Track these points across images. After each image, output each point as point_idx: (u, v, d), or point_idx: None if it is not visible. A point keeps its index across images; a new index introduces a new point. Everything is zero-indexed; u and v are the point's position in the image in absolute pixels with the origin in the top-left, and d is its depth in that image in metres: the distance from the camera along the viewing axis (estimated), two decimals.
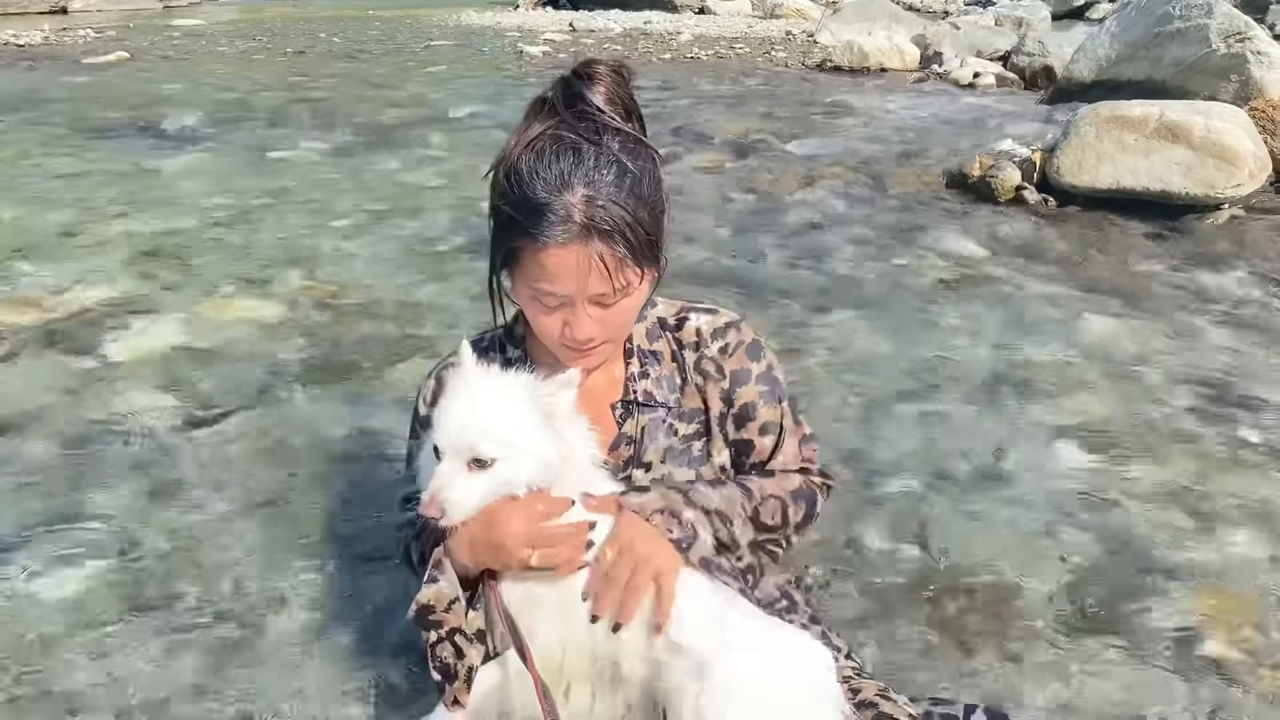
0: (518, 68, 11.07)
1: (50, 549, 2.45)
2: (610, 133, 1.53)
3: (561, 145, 1.51)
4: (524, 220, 1.50)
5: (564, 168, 1.49)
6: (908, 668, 2.09)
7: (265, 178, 6.02)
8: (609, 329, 1.61)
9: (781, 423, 1.79)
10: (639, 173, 1.54)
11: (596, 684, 1.61)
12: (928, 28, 12.13)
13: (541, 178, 1.49)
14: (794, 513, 1.73)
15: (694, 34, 14.92)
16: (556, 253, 1.49)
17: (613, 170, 1.51)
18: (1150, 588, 2.35)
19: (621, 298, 1.56)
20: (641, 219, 1.53)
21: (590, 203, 1.48)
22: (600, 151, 1.51)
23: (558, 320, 1.58)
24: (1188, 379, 3.43)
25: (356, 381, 3.36)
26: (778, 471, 1.78)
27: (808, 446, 1.84)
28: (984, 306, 4.10)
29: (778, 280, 4.37)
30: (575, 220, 1.47)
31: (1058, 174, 5.36)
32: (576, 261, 1.49)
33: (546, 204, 1.48)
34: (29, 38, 13.34)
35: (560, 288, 1.53)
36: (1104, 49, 7.05)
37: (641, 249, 1.53)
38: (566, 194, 1.48)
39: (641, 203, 1.53)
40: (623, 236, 1.50)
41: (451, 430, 1.48)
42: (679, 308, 1.83)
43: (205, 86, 9.43)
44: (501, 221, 1.58)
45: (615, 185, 1.50)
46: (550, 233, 1.48)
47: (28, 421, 3.05)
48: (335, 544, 2.47)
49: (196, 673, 2.05)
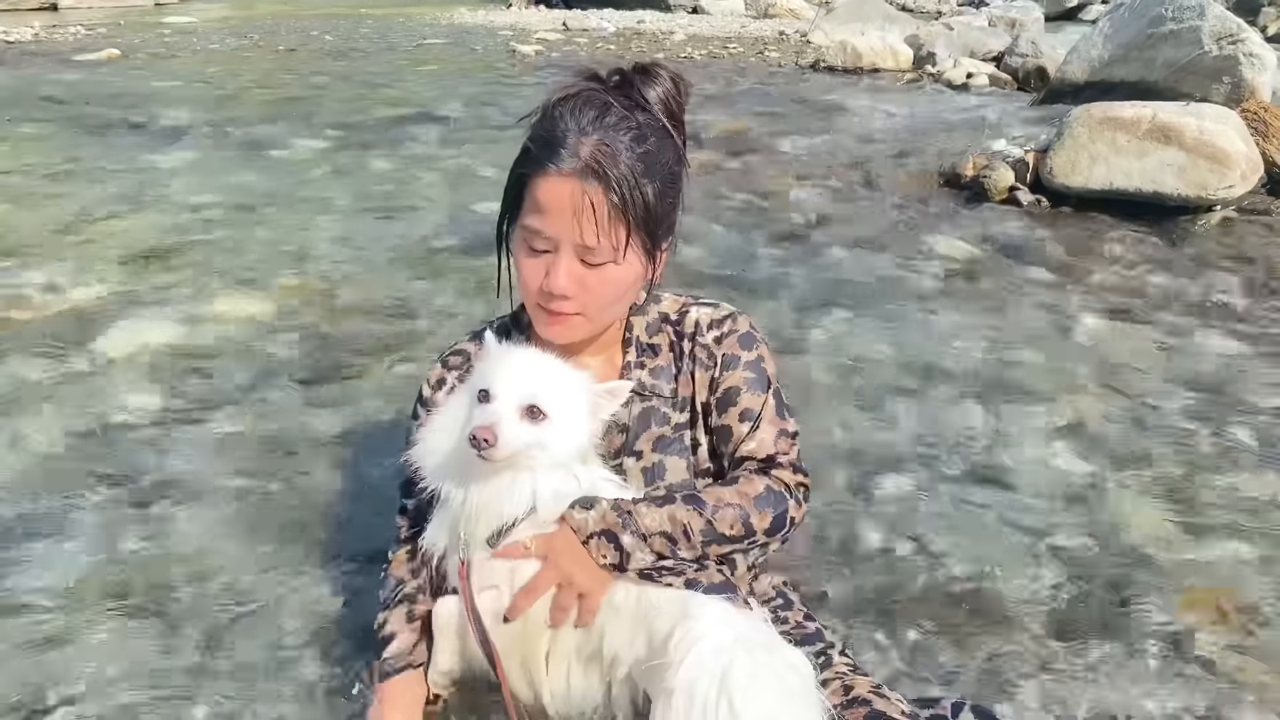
0: (510, 66, 11.06)
1: (40, 546, 2.43)
2: (643, 113, 1.62)
3: (593, 100, 1.61)
4: (536, 149, 1.59)
5: (588, 117, 1.58)
6: (901, 665, 2.09)
7: (257, 175, 6.00)
8: (586, 295, 1.62)
9: (761, 412, 1.78)
10: (655, 150, 1.62)
11: (574, 661, 1.62)
12: (921, 28, 12.13)
13: (565, 118, 1.59)
14: (759, 520, 1.68)
15: (687, 33, 14.92)
16: (554, 183, 1.56)
17: (631, 135, 1.59)
18: (1142, 588, 2.35)
19: (607, 261, 1.59)
20: (643, 187, 1.59)
21: (599, 148, 1.56)
22: (626, 118, 1.60)
23: (540, 267, 1.62)
24: (1180, 380, 3.44)
25: (349, 379, 3.35)
26: (741, 477, 1.74)
27: (785, 440, 1.80)
28: (977, 307, 4.10)
29: (771, 279, 4.37)
30: (580, 156, 1.56)
31: (1051, 175, 5.36)
32: (570, 195, 1.55)
33: (561, 138, 1.57)
34: (19, 34, 13.28)
35: (550, 224, 1.58)
36: (1097, 50, 7.05)
37: (635, 213, 1.58)
38: (582, 136, 1.57)
39: (649, 174, 1.60)
40: (619, 189, 1.56)
41: (515, 378, 1.57)
42: (682, 303, 1.85)
43: (197, 84, 9.40)
44: (520, 155, 1.65)
45: (628, 147, 1.58)
46: (554, 159, 1.56)
47: (18, 419, 3.04)
48: (327, 542, 2.46)
49: (185, 672, 2.04)
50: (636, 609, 1.58)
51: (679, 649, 1.48)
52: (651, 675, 1.53)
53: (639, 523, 1.60)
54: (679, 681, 1.45)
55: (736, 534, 1.66)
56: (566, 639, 1.63)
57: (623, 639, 1.58)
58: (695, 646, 1.47)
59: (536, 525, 1.60)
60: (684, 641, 1.48)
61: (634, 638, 1.58)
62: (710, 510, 1.64)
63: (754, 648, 1.49)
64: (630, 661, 1.58)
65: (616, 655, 1.59)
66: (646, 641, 1.55)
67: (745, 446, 1.76)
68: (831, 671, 1.70)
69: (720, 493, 1.68)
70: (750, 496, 1.69)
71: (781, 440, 1.79)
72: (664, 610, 1.56)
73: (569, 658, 1.64)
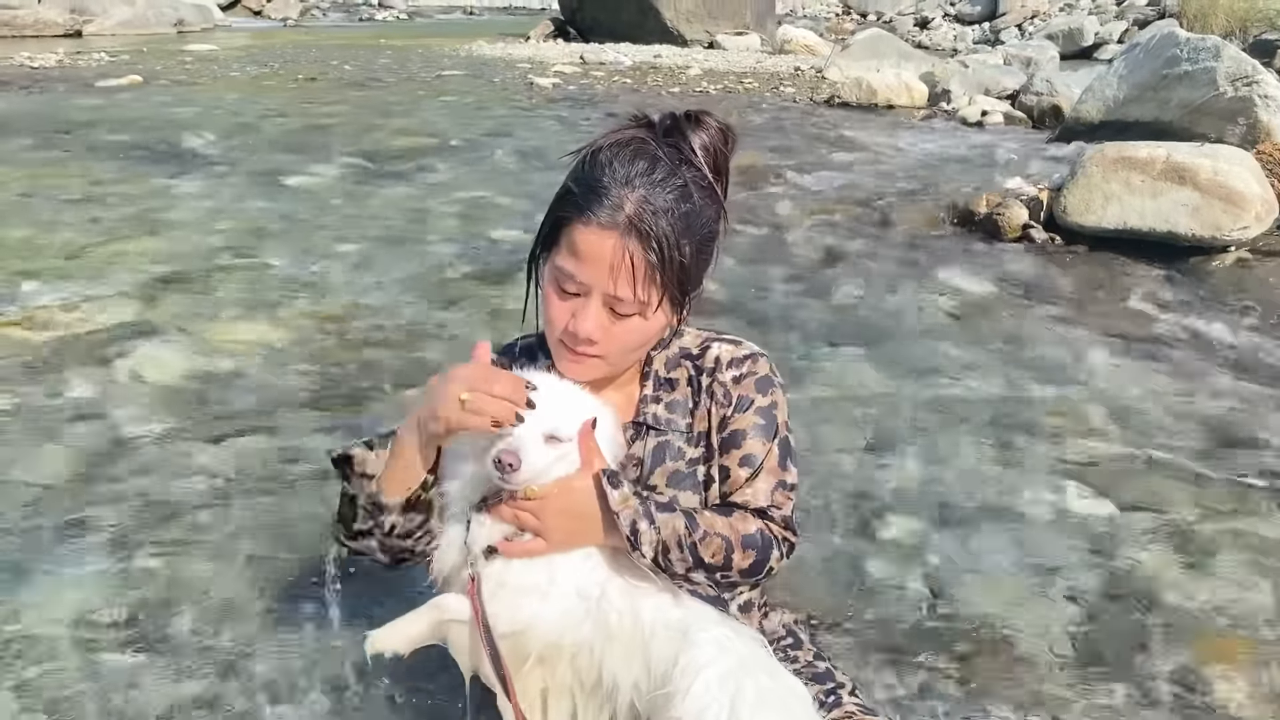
0: (528, 99, 11.15)
1: (52, 564, 2.44)
2: (690, 168, 1.61)
3: (643, 152, 1.60)
4: (579, 194, 1.59)
5: (635, 169, 1.58)
6: (911, 706, 2.07)
7: (275, 202, 6.05)
8: (610, 342, 1.63)
9: (763, 460, 1.76)
10: (698, 209, 1.62)
11: (578, 695, 1.61)
12: (936, 65, 12.21)
13: (612, 167, 1.58)
14: (740, 558, 1.66)
15: (703, 68, 15.03)
16: (594, 234, 1.56)
17: (676, 193, 1.59)
18: (1155, 630, 2.33)
19: (634, 314, 1.60)
20: (682, 246, 1.59)
21: (643, 204, 1.56)
22: (673, 174, 1.59)
23: (567, 310, 1.63)
24: (1192, 420, 3.42)
25: (362, 406, 3.36)
26: (737, 510, 1.73)
27: (782, 493, 1.77)
28: (989, 344, 4.10)
29: (782, 313, 4.38)
30: (624, 211, 1.55)
31: (1064, 213, 5.37)
32: (610, 251, 1.55)
33: (605, 189, 1.56)
34: (43, 60, 13.47)
35: (584, 272, 1.58)
36: (1112, 90, 7.08)
37: (671, 271, 1.59)
38: (627, 189, 1.56)
39: (689, 233, 1.60)
40: (659, 248, 1.56)
41: (539, 403, 1.56)
42: (704, 338, 1.85)
43: (217, 111, 9.50)
44: (561, 195, 1.65)
45: (672, 205, 1.58)
46: (597, 211, 1.56)
47: (32, 439, 3.05)
48: (337, 570, 2.46)
49: (191, 693, 2.04)
50: (632, 631, 1.57)
51: (683, 677, 1.47)
52: (655, 705, 1.52)
53: (655, 516, 1.61)
54: (686, 710, 1.44)
55: (715, 563, 1.64)
56: (563, 674, 1.62)
57: (619, 663, 1.57)
58: (701, 674, 1.47)
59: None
60: (688, 670, 1.48)
61: (630, 660, 1.57)
62: (700, 534, 1.63)
63: (758, 673, 1.49)
64: (629, 686, 1.57)
65: (616, 681, 1.58)
66: (644, 664, 1.55)
67: (741, 494, 1.75)
68: (841, 711, 1.69)
69: (713, 520, 1.67)
70: (739, 533, 1.68)
71: (778, 493, 1.77)
72: (659, 633, 1.56)
73: (571, 693, 1.63)
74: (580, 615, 1.59)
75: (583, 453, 1.61)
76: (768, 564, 1.71)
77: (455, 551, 1.65)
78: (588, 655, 1.60)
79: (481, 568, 1.60)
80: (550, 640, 1.59)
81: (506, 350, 1.92)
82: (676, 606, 1.60)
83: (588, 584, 1.61)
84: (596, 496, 1.60)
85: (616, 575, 1.63)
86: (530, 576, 1.60)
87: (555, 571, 1.61)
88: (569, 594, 1.60)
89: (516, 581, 1.60)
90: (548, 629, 1.59)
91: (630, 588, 1.61)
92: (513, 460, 1.51)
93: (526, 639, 1.59)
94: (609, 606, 1.59)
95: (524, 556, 1.60)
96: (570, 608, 1.60)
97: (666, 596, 1.62)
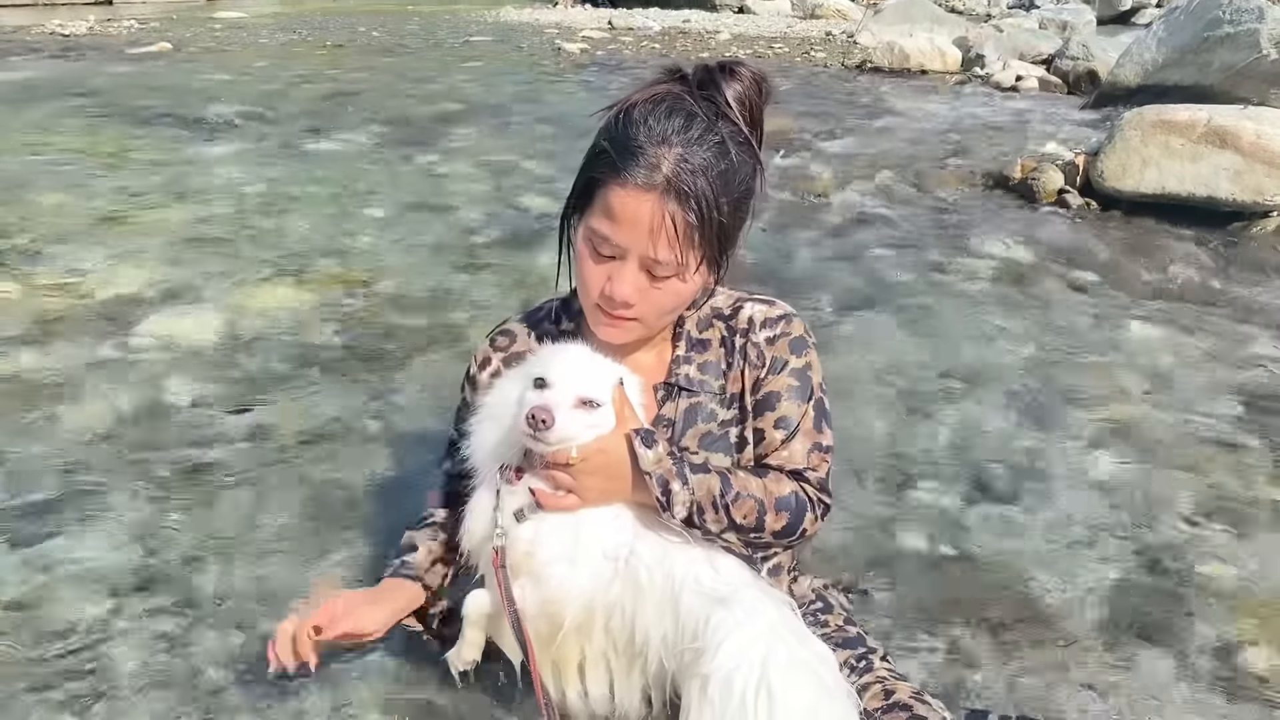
0: (555, 64, 11.07)
1: (81, 528, 2.45)
2: (726, 122, 1.57)
3: (678, 107, 1.56)
4: (614, 154, 1.54)
5: (671, 126, 1.53)
6: (942, 672, 2.05)
7: (303, 168, 6.04)
8: (647, 305, 1.60)
9: (799, 422, 1.74)
10: (735, 165, 1.57)
11: (614, 661, 1.61)
12: (970, 30, 12.01)
13: (647, 125, 1.54)
14: (773, 520, 1.65)
15: (733, 33, 14.87)
16: (631, 196, 1.52)
17: (713, 149, 1.54)
18: (1191, 600, 2.29)
19: (673, 276, 1.57)
20: (721, 205, 1.56)
21: (680, 163, 1.52)
22: (710, 129, 1.55)
23: (603, 273, 1.60)
24: (1231, 388, 3.36)
25: (388, 370, 3.36)
26: (772, 472, 1.72)
27: (817, 455, 1.75)
28: (1024, 310, 4.03)
29: (813, 278, 4.33)
30: (661, 171, 1.51)
31: (1101, 178, 5.27)
32: (648, 213, 1.52)
33: (641, 148, 1.52)
34: (74, 28, 13.49)
35: (621, 235, 1.55)
36: (1150, 53, 6.94)
37: (710, 231, 1.56)
38: (663, 147, 1.52)
39: (727, 191, 1.56)
40: (698, 207, 1.53)
41: (572, 370, 1.58)
42: (736, 298, 1.82)
43: (246, 78, 9.50)
44: (594, 154, 1.61)
45: (710, 163, 1.54)
46: (633, 172, 1.52)
47: (64, 403, 3.07)
48: (365, 532, 2.46)
49: (219, 655, 2.04)
50: (664, 586, 1.57)
51: (714, 635, 1.46)
52: (683, 661, 1.51)
53: (688, 477, 1.60)
54: (716, 668, 1.43)
55: (748, 524, 1.64)
56: (599, 640, 1.62)
57: (650, 619, 1.57)
58: (732, 634, 1.46)
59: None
60: (719, 628, 1.47)
61: (661, 615, 1.56)
62: (733, 495, 1.62)
63: (788, 637, 1.47)
64: (659, 640, 1.56)
65: (648, 636, 1.57)
66: (675, 619, 1.54)
67: (777, 455, 1.73)
68: (872, 676, 1.67)
69: (747, 481, 1.66)
70: (774, 495, 1.67)
71: (814, 455, 1.75)
72: (690, 588, 1.55)
73: (607, 660, 1.63)
74: (609, 576, 1.59)
75: (617, 412, 1.59)
76: (801, 526, 1.69)
77: (484, 520, 1.64)
78: (620, 616, 1.59)
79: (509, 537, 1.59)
80: (583, 605, 1.59)
81: (534, 313, 1.90)
82: (708, 565, 1.59)
83: (616, 545, 1.60)
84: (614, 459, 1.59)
85: (647, 532, 1.62)
86: (557, 545, 1.60)
87: (582, 535, 1.60)
88: (596, 557, 1.59)
89: (544, 553, 1.60)
90: (579, 594, 1.59)
91: (661, 544, 1.60)
92: (546, 417, 1.50)
93: (559, 608, 1.59)
94: (638, 563, 1.59)
95: (559, 510, 1.59)
96: (599, 570, 1.59)
97: (698, 552, 1.61)
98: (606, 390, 1.60)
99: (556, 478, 1.57)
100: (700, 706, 1.44)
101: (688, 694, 1.48)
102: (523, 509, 1.60)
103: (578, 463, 1.56)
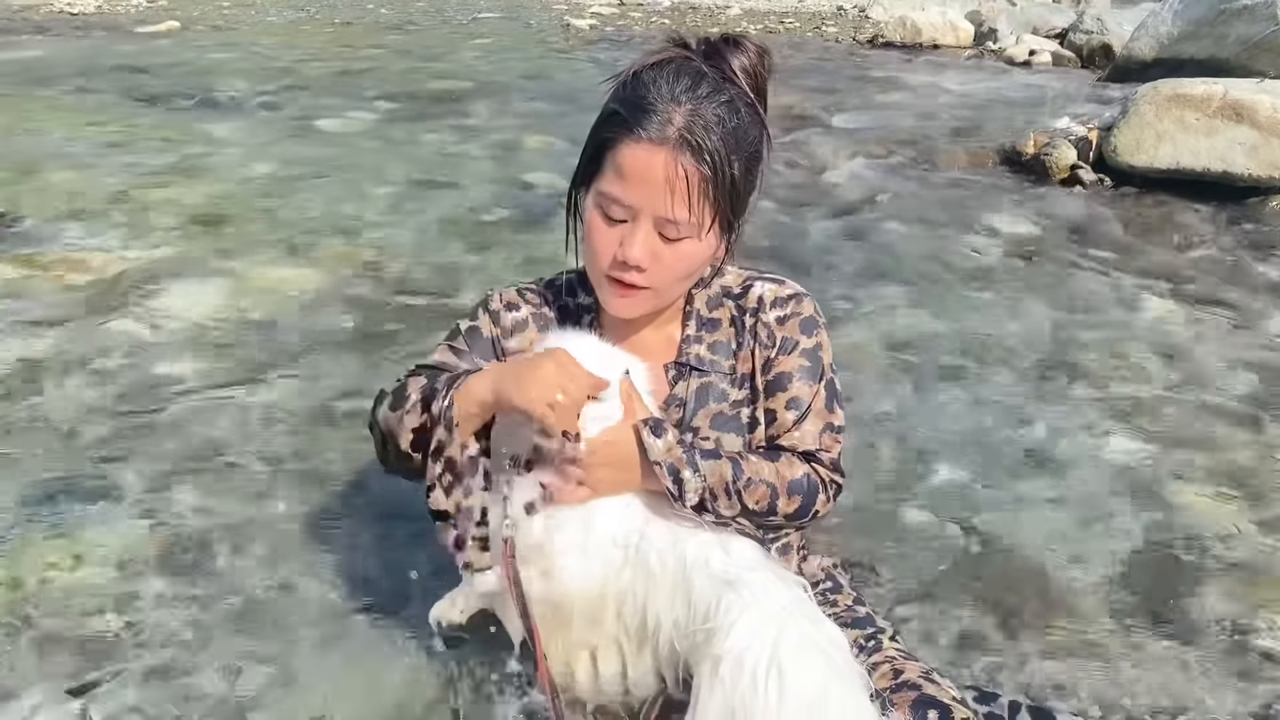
0: (564, 41, 11.01)
1: (87, 505, 2.45)
2: (734, 86, 1.57)
3: (686, 69, 1.56)
4: (626, 113, 1.53)
5: (680, 86, 1.53)
6: (952, 652, 2.04)
7: (311, 146, 6.02)
8: (659, 271, 1.59)
9: (810, 403, 1.73)
10: (745, 125, 1.57)
11: (627, 646, 1.60)
12: (983, 4, 11.91)
13: (657, 84, 1.53)
14: (785, 504, 1.65)
15: (743, 8, 14.76)
16: (643, 151, 1.51)
17: (723, 107, 1.54)
18: (1203, 579, 2.28)
19: (686, 238, 1.55)
20: (732, 161, 1.55)
21: (692, 117, 1.51)
22: (718, 89, 1.55)
23: (615, 237, 1.58)
24: (1246, 365, 3.33)
25: (396, 348, 3.35)
26: (784, 456, 1.70)
27: (829, 436, 1.74)
28: (1036, 286, 4.00)
29: (823, 254, 4.31)
30: (674, 125, 1.50)
31: (1115, 153, 5.22)
32: (661, 166, 1.51)
33: (652, 104, 1.52)
34: (82, 6, 13.46)
35: (633, 194, 1.53)
36: (1166, 26, 6.86)
37: (723, 187, 1.55)
38: (674, 104, 1.52)
39: (738, 149, 1.56)
40: (710, 161, 1.51)
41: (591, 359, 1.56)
42: (745, 276, 1.81)
43: (254, 55, 9.46)
44: (603, 118, 1.60)
45: (719, 120, 1.53)
46: (647, 126, 1.51)
47: (72, 379, 3.07)
48: (373, 512, 2.46)
49: (226, 634, 2.04)
50: (675, 569, 1.56)
51: (726, 615, 1.45)
52: (694, 642, 1.51)
53: (699, 464, 1.59)
54: (727, 649, 1.43)
55: (760, 509, 1.63)
56: (611, 627, 1.62)
57: (662, 603, 1.57)
58: (744, 615, 1.44)
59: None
60: (731, 609, 1.46)
61: (673, 598, 1.56)
62: (744, 480, 1.61)
63: (800, 619, 1.46)
64: (670, 623, 1.56)
65: (659, 619, 1.57)
66: (686, 601, 1.53)
67: (789, 437, 1.72)
68: (881, 655, 1.66)
69: (759, 466, 1.65)
70: (786, 479, 1.66)
71: (826, 436, 1.74)
72: (701, 571, 1.54)
73: (619, 645, 1.64)
74: (620, 563, 1.58)
75: (624, 401, 1.58)
76: (813, 508, 1.68)
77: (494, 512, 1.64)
78: (632, 602, 1.59)
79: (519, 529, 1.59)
80: (595, 593, 1.58)
81: (548, 285, 1.89)
82: (719, 547, 1.58)
83: (625, 531, 1.60)
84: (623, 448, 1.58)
85: (657, 518, 1.61)
86: (568, 534, 1.59)
87: (592, 523, 1.59)
88: (606, 545, 1.59)
89: (555, 543, 1.59)
90: (590, 584, 1.58)
91: (671, 529, 1.59)
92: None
93: (571, 598, 1.58)
94: (649, 548, 1.58)
95: (571, 503, 1.58)
96: (610, 558, 1.58)
97: (709, 536, 1.60)
98: (613, 381, 1.59)
99: (567, 470, 1.57)
100: (711, 685, 1.44)
101: (699, 674, 1.47)
102: (533, 502, 1.59)
103: (586, 455, 1.55)
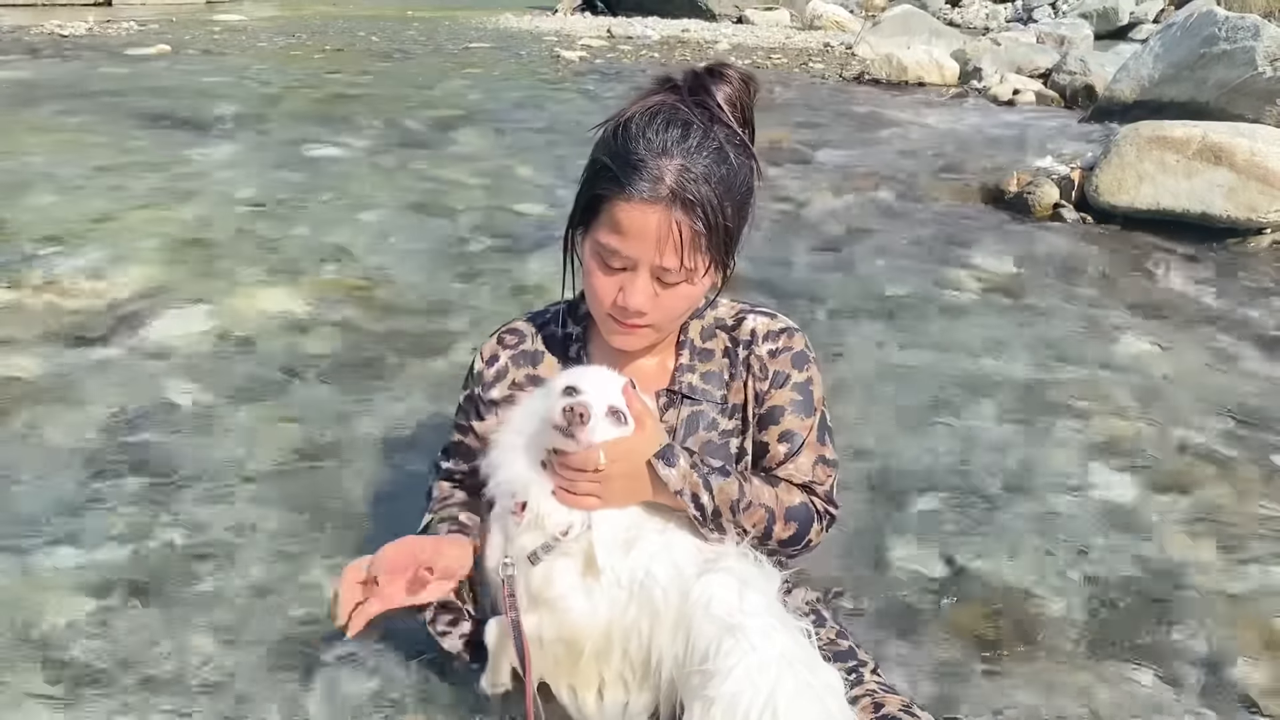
0: (554, 72, 11.08)
1: (70, 531, 2.45)
2: (721, 126, 1.59)
3: (674, 117, 1.57)
4: (617, 170, 1.55)
5: (669, 137, 1.55)
6: (933, 684, 2.05)
7: (299, 172, 6.04)
8: (659, 311, 1.63)
9: (805, 437, 1.78)
10: (736, 168, 1.60)
11: (631, 681, 1.62)
12: (968, 43, 12.05)
13: (646, 138, 1.55)
14: (780, 529, 1.70)
15: (731, 43, 14.89)
16: (638, 210, 1.54)
17: (712, 156, 1.57)
18: (1181, 614, 2.30)
19: (682, 282, 1.59)
20: (725, 209, 1.58)
21: (683, 173, 1.54)
22: (707, 136, 1.57)
23: (614, 285, 1.62)
24: (1222, 403, 3.37)
25: (384, 375, 3.36)
26: (782, 483, 1.75)
27: (823, 468, 1.80)
28: (1017, 323, 4.05)
29: (808, 288, 4.34)
30: (665, 183, 1.53)
31: (1096, 193, 5.30)
32: (656, 225, 1.54)
33: (642, 161, 1.54)
34: (73, 29, 13.50)
35: (630, 247, 1.57)
36: (1147, 69, 6.97)
37: (717, 236, 1.58)
38: (664, 159, 1.54)
39: (729, 195, 1.59)
40: (704, 214, 1.55)
41: (601, 382, 1.60)
42: (738, 309, 1.85)
43: (244, 81, 9.50)
44: (595, 170, 1.62)
45: (710, 169, 1.56)
46: (638, 186, 1.53)
47: (55, 404, 3.07)
48: (358, 537, 2.46)
49: (208, 659, 2.04)
50: (679, 606, 1.57)
51: (725, 659, 1.46)
52: (691, 682, 1.52)
53: (712, 485, 1.63)
54: (722, 693, 1.43)
55: (755, 532, 1.67)
56: (617, 663, 1.63)
57: (665, 639, 1.58)
58: (743, 660, 1.45)
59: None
60: (731, 653, 1.46)
61: (675, 635, 1.57)
62: (745, 503, 1.65)
63: (798, 666, 1.47)
64: (671, 660, 1.57)
65: (662, 655, 1.58)
66: (686, 639, 1.54)
67: (783, 469, 1.78)
68: (862, 689, 1.68)
69: (760, 490, 1.69)
70: (784, 505, 1.71)
71: (819, 468, 1.79)
72: (704, 612, 1.54)
73: (624, 680, 1.65)
74: (625, 601, 1.60)
75: (633, 412, 1.60)
76: (807, 536, 1.74)
77: (499, 551, 1.66)
78: (637, 639, 1.60)
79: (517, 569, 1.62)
80: (601, 633, 1.60)
81: (539, 314, 1.92)
82: (724, 589, 1.58)
83: (630, 569, 1.61)
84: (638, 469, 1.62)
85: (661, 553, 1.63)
86: (572, 576, 1.61)
87: (595, 563, 1.61)
88: (611, 585, 1.60)
89: (559, 585, 1.61)
90: (596, 623, 1.60)
91: (677, 564, 1.61)
92: (584, 411, 1.52)
93: (579, 638, 1.60)
94: (653, 585, 1.59)
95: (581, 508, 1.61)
96: (615, 597, 1.60)
97: (716, 577, 1.61)
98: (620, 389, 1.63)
99: (579, 483, 1.59)
100: None
101: (690, 714, 1.48)
102: (536, 551, 1.60)
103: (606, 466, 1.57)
